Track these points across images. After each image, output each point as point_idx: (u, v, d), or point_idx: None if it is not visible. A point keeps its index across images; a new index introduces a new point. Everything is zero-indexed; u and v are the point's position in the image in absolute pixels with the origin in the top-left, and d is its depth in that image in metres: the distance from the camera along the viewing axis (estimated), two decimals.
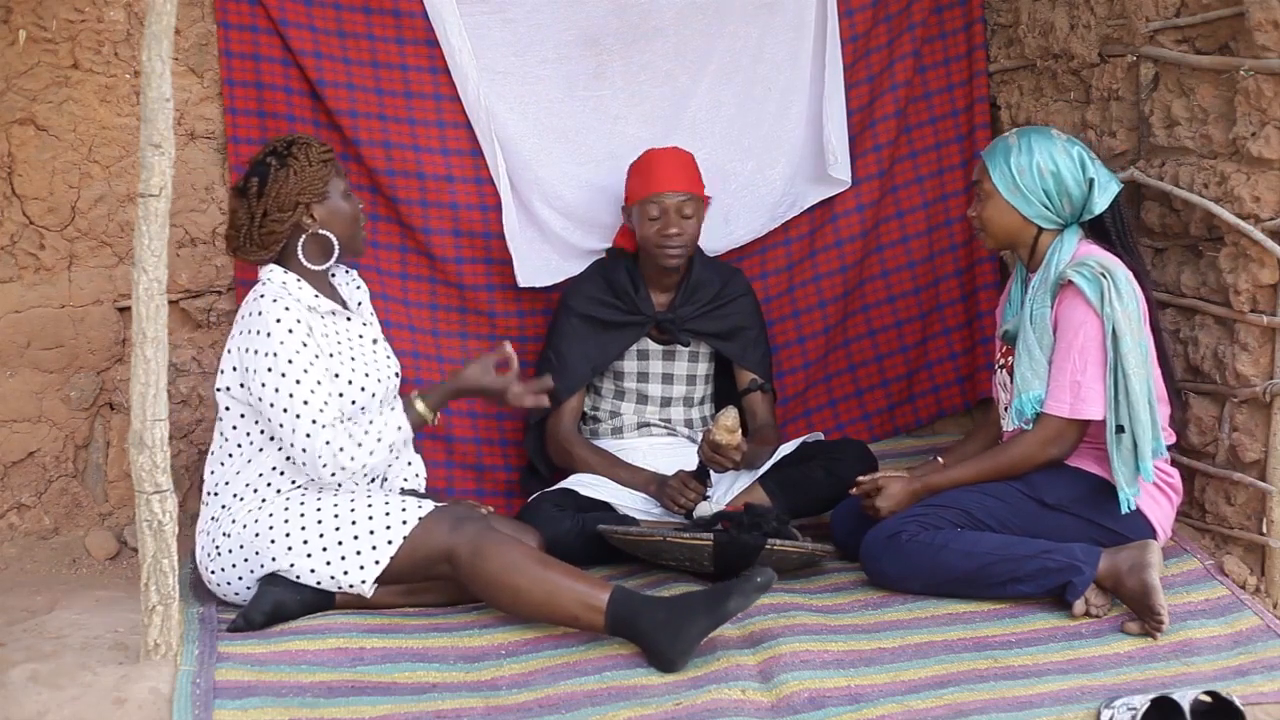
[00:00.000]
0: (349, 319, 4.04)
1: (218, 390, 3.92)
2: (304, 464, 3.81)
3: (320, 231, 3.94)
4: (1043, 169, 4.01)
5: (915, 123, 5.12)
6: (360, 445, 3.79)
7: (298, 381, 3.77)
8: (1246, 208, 3.97)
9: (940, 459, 4.26)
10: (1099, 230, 4.06)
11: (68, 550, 4.48)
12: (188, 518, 4.44)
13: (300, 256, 3.94)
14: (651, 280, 4.61)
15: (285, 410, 3.77)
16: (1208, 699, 3.43)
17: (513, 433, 4.83)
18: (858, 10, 4.96)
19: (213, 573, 3.92)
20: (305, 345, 3.81)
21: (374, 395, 3.97)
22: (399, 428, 3.85)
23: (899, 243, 5.16)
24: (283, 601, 3.81)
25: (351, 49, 4.56)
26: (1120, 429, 3.88)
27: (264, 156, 3.96)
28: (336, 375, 3.88)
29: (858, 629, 3.83)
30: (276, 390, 3.77)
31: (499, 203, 4.70)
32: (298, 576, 3.82)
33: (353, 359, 3.95)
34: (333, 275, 4.11)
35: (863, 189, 5.06)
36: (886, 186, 5.11)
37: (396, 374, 4.11)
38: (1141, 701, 3.39)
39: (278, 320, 3.80)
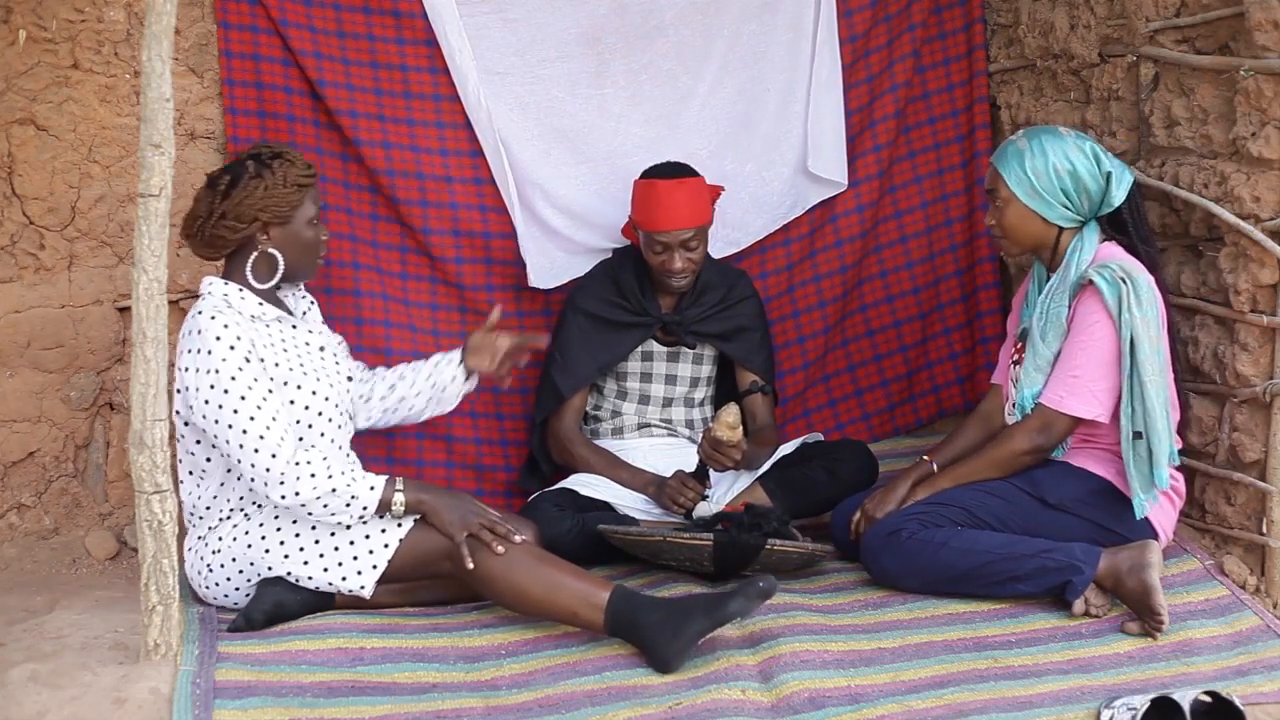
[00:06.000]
0: (294, 326, 3.96)
1: (175, 411, 3.81)
2: (251, 481, 3.70)
3: (270, 250, 3.86)
4: (1059, 169, 3.99)
5: (914, 123, 5.11)
6: (314, 475, 3.67)
7: (242, 398, 3.67)
8: (1246, 208, 3.97)
9: (928, 458, 4.24)
10: (1115, 223, 4.04)
11: (68, 550, 4.48)
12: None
13: (247, 271, 3.86)
14: (658, 282, 4.60)
15: (230, 427, 3.67)
16: (1208, 699, 3.43)
17: (513, 433, 4.83)
18: (857, 10, 4.96)
19: (206, 587, 3.91)
20: (248, 361, 3.71)
21: (328, 400, 3.89)
22: (372, 488, 3.72)
23: (897, 243, 5.15)
24: (282, 601, 3.81)
25: (351, 49, 4.56)
26: (1138, 435, 3.87)
27: (247, 157, 3.89)
28: (285, 383, 3.81)
29: (858, 629, 3.83)
30: (220, 408, 3.68)
31: (498, 203, 4.70)
32: (296, 581, 3.82)
33: (301, 364, 3.88)
34: (279, 290, 4.02)
35: (862, 189, 5.06)
36: (885, 187, 5.11)
37: (349, 378, 4.06)
38: (1141, 701, 3.39)
39: (217, 338, 3.70)
